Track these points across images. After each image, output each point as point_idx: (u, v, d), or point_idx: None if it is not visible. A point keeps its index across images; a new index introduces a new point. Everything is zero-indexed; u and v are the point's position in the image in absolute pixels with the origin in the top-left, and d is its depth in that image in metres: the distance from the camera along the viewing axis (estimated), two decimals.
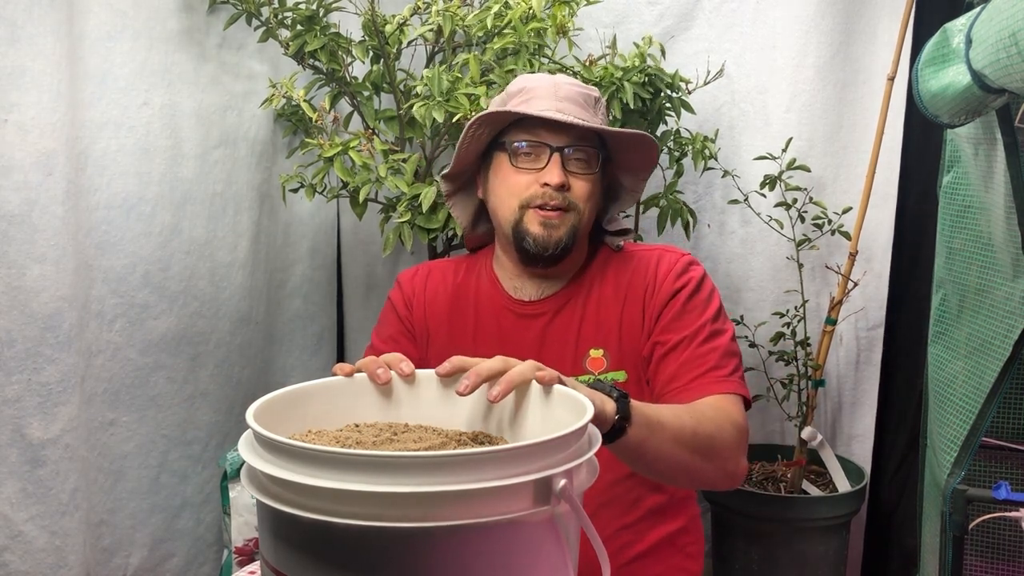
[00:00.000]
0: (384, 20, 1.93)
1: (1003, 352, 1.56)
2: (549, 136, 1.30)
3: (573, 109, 1.30)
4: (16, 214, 1.58)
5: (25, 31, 1.57)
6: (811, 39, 2.19)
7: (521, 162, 1.32)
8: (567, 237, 1.31)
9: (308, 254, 2.28)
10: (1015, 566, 1.75)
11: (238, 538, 1.86)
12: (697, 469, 1.15)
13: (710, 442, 1.15)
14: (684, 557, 1.35)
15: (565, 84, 1.33)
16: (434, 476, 0.72)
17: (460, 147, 1.35)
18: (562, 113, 1.28)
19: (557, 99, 1.30)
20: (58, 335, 1.64)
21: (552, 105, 1.30)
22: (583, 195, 1.31)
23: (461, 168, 1.41)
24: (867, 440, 2.29)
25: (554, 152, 1.29)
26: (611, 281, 1.36)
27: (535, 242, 1.30)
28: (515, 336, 1.37)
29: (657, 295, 1.32)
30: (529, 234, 1.31)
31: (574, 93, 1.32)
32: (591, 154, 1.32)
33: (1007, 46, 1.26)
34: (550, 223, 1.30)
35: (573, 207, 1.31)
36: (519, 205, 1.31)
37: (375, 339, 1.44)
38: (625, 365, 1.32)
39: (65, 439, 1.66)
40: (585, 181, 1.32)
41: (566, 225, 1.30)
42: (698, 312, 1.30)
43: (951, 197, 1.78)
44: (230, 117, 1.99)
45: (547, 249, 1.30)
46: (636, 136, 1.33)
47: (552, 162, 1.29)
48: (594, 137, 1.33)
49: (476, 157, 1.39)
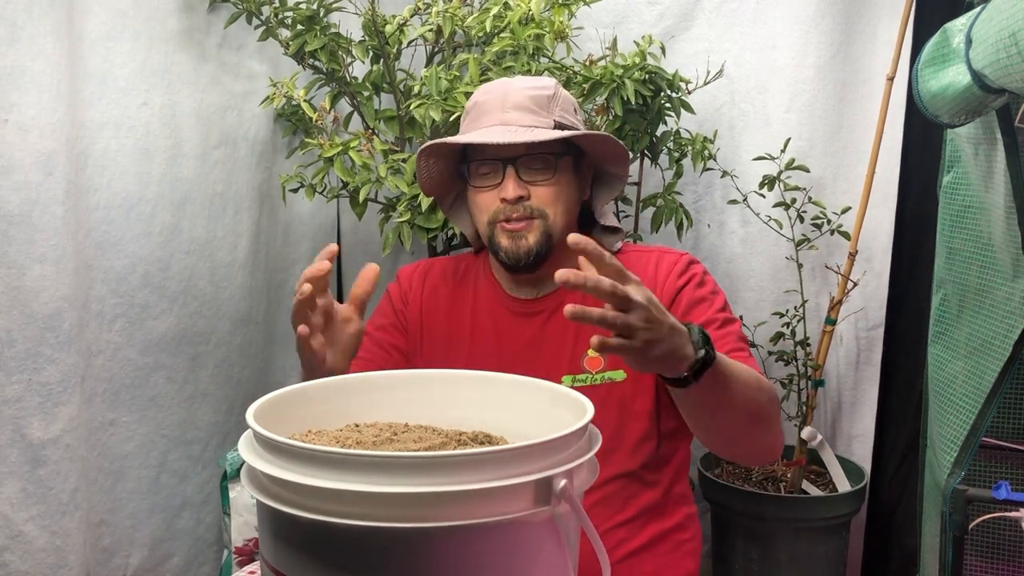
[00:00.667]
0: (384, 20, 1.93)
1: (1003, 352, 1.56)
2: (500, 150, 1.29)
3: (521, 116, 1.29)
4: (16, 214, 1.58)
5: (25, 31, 1.57)
6: (811, 39, 2.19)
7: (479, 181, 1.32)
8: (536, 244, 1.30)
9: (308, 254, 2.27)
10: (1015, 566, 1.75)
11: (238, 538, 1.86)
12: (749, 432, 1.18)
13: (766, 408, 1.18)
14: (680, 555, 1.35)
15: (516, 90, 1.31)
16: (434, 476, 0.72)
17: (420, 178, 1.37)
18: (508, 123, 1.28)
19: (504, 110, 1.29)
20: (58, 335, 1.64)
21: (499, 118, 1.29)
22: (547, 200, 1.30)
23: (438, 192, 1.43)
24: (867, 440, 2.29)
25: (507, 165, 1.29)
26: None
27: (507, 255, 1.31)
28: (512, 334, 1.37)
29: (661, 295, 1.32)
30: (500, 247, 1.32)
31: (524, 98, 1.30)
32: (547, 159, 1.30)
33: (1007, 46, 1.26)
34: (516, 234, 1.30)
35: (538, 213, 1.30)
36: (487, 222, 1.33)
37: (368, 326, 1.44)
38: (623, 365, 1.32)
39: (65, 439, 1.66)
40: (546, 186, 1.30)
41: (534, 232, 1.30)
42: (707, 304, 1.31)
43: (951, 197, 1.78)
44: (230, 117, 1.99)
45: (519, 260, 1.31)
46: (583, 136, 1.31)
47: (507, 176, 1.29)
48: (549, 141, 1.29)
49: (449, 178, 1.41)
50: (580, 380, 1.31)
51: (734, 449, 1.27)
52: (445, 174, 1.40)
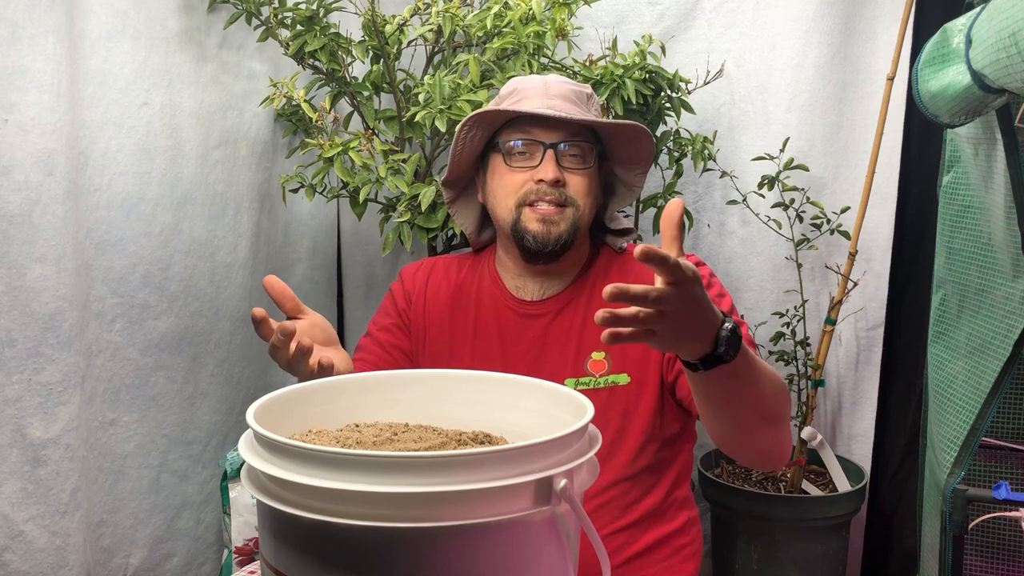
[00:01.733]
0: (384, 20, 1.93)
1: (1003, 352, 1.56)
2: (542, 133, 1.30)
3: (564, 106, 1.30)
4: (16, 214, 1.59)
5: (25, 31, 1.57)
6: (811, 39, 2.19)
7: (515, 161, 1.32)
8: (567, 233, 1.31)
9: (308, 254, 2.28)
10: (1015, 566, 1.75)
11: (238, 538, 1.86)
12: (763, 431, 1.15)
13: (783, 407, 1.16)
14: (681, 559, 1.35)
15: (556, 83, 1.34)
16: (434, 476, 0.72)
17: (454, 151, 1.36)
18: (553, 110, 1.29)
19: (548, 97, 1.31)
20: (58, 335, 1.64)
21: (543, 103, 1.30)
22: (580, 190, 1.31)
23: (459, 173, 1.41)
24: (867, 440, 2.29)
25: (548, 148, 1.30)
26: (617, 273, 1.36)
27: (535, 239, 1.30)
28: (516, 335, 1.37)
29: None
30: (528, 232, 1.31)
31: (565, 90, 1.32)
32: (585, 149, 1.32)
33: (1007, 46, 1.26)
34: (549, 219, 1.30)
35: (571, 202, 1.31)
36: (516, 204, 1.32)
37: (371, 327, 1.44)
38: (627, 368, 1.32)
39: (65, 439, 1.66)
40: (581, 176, 1.32)
41: (565, 221, 1.30)
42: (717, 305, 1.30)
43: (951, 197, 1.78)
44: (230, 117, 1.99)
45: (547, 245, 1.30)
46: (629, 127, 1.33)
47: (546, 158, 1.30)
48: (588, 132, 1.33)
49: (472, 161, 1.39)
50: (583, 383, 1.31)
51: (746, 447, 1.23)
52: (475, 152, 1.38)
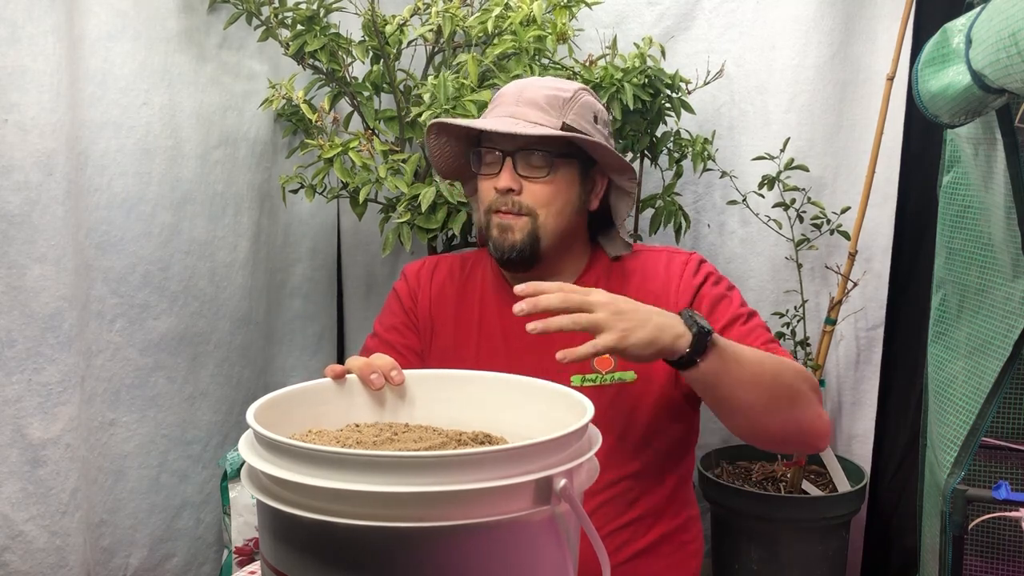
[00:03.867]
0: (384, 20, 1.93)
1: (1003, 352, 1.56)
2: (504, 141, 1.29)
3: (530, 112, 1.28)
4: (16, 214, 1.59)
5: (25, 31, 1.57)
6: (811, 39, 2.19)
7: (483, 169, 1.33)
8: (522, 242, 1.29)
9: (308, 254, 2.28)
10: (1015, 566, 1.75)
11: (238, 538, 1.86)
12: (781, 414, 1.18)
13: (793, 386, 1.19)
14: (683, 556, 1.35)
15: (534, 88, 1.31)
16: (434, 476, 0.72)
17: (432, 157, 1.38)
18: (516, 117, 1.28)
19: (517, 104, 1.30)
20: (58, 335, 1.64)
21: (509, 111, 1.29)
22: (539, 198, 1.29)
23: (450, 176, 1.44)
24: (867, 440, 2.29)
25: (506, 157, 1.29)
26: (618, 281, 1.35)
27: (494, 246, 1.31)
28: (519, 332, 1.34)
29: (678, 296, 1.31)
30: (491, 238, 1.31)
31: (539, 96, 1.30)
32: (544, 156, 1.29)
33: (1007, 46, 1.26)
34: (504, 224, 1.30)
35: (527, 211, 1.29)
36: (485, 211, 1.33)
37: (378, 327, 1.43)
38: (634, 365, 1.30)
39: (65, 439, 1.66)
40: (540, 184, 1.29)
41: (522, 230, 1.29)
42: (728, 300, 1.32)
43: (951, 197, 1.78)
44: (230, 117, 1.99)
45: (504, 253, 1.30)
46: (586, 142, 1.29)
47: (504, 167, 1.29)
48: (551, 141, 1.28)
49: (456, 166, 1.41)
50: (590, 380, 1.30)
51: (762, 432, 1.24)
52: (461, 158, 1.40)
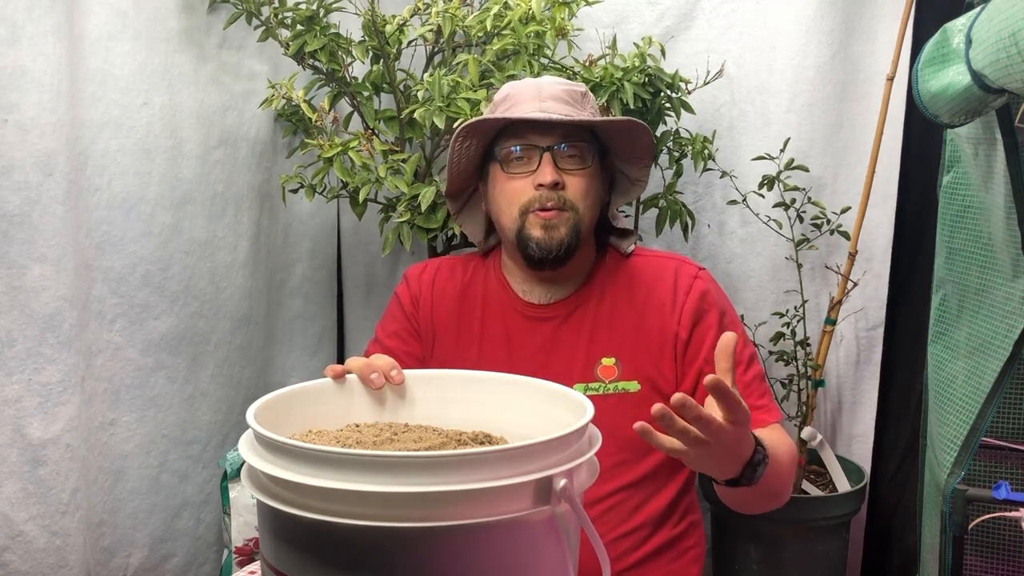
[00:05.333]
0: (384, 20, 1.93)
1: (1003, 352, 1.56)
2: (537, 137, 1.29)
3: (558, 107, 1.29)
4: (16, 214, 1.59)
5: (25, 31, 1.57)
6: (811, 39, 2.19)
7: (513, 167, 1.31)
8: (568, 236, 1.29)
9: (308, 254, 2.28)
10: (1015, 566, 1.75)
11: (238, 538, 1.86)
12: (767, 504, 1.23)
13: (786, 483, 1.23)
14: (684, 563, 1.35)
15: (548, 84, 1.32)
16: (434, 476, 0.72)
17: (451, 163, 1.35)
18: (546, 112, 1.28)
19: (540, 100, 1.30)
20: (58, 335, 1.64)
21: (536, 106, 1.29)
22: (579, 192, 1.30)
23: (459, 186, 1.40)
24: (867, 440, 2.29)
25: (544, 152, 1.29)
26: (625, 288, 1.35)
27: (538, 246, 1.29)
28: (522, 338, 1.35)
29: (681, 317, 1.31)
30: (532, 239, 1.29)
31: (558, 91, 1.31)
32: (583, 148, 1.31)
33: (1007, 46, 1.26)
34: (549, 224, 1.28)
35: (570, 206, 1.29)
36: (519, 212, 1.30)
37: (379, 333, 1.43)
38: (638, 376, 1.31)
39: (65, 439, 1.66)
40: (580, 177, 1.30)
41: (566, 224, 1.29)
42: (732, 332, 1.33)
43: (951, 197, 1.78)
44: (230, 117, 1.99)
45: (551, 251, 1.29)
46: (625, 123, 1.31)
47: (544, 162, 1.28)
48: (585, 132, 1.32)
49: (473, 172, 1.38)
50: (593, 389, 1.30)
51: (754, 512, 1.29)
52: (474, 163, 1.37)
